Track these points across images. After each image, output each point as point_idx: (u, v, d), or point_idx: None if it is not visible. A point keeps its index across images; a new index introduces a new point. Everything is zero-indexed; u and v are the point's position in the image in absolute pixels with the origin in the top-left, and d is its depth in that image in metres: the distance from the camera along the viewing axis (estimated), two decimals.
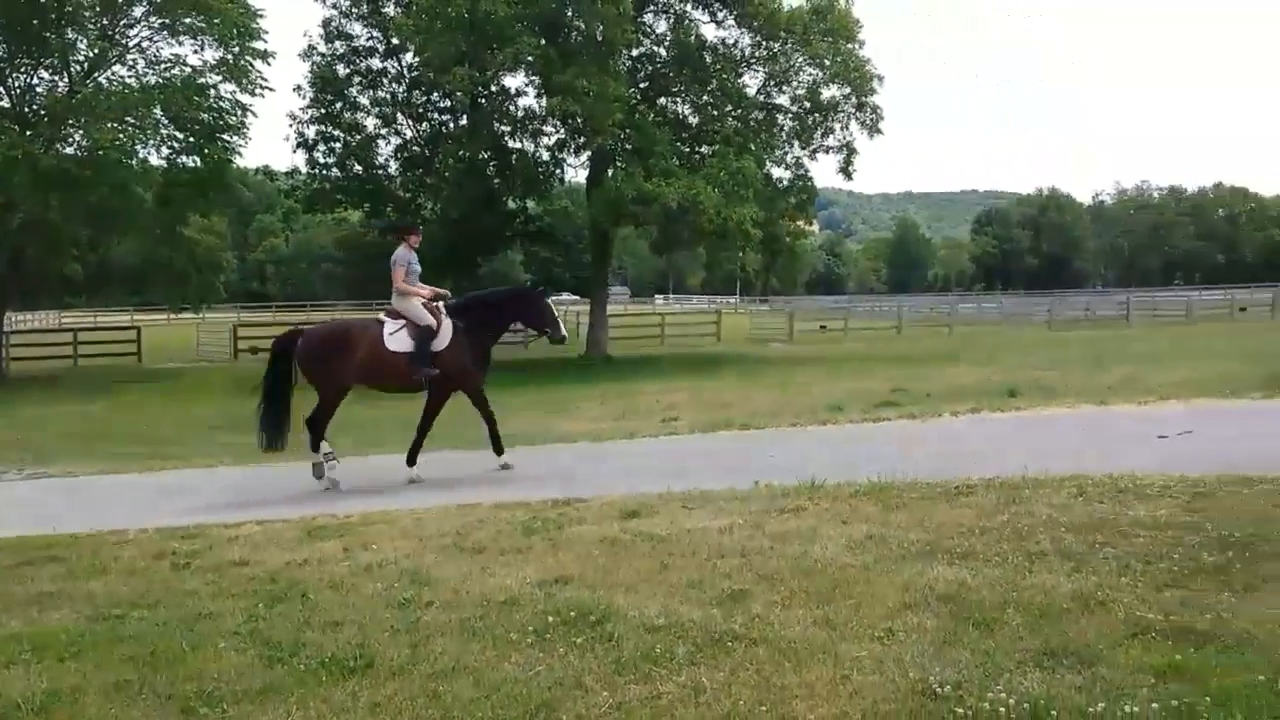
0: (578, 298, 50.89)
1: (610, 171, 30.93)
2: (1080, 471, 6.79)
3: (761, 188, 30.60)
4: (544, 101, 29.33)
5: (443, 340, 10.14)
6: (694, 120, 32.81)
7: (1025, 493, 6.29)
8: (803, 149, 33.09)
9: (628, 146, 30.02)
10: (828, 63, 31.00)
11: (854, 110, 31.92)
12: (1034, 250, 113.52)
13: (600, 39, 27.91)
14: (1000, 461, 7.46)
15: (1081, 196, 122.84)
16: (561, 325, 10.71)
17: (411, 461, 10.19)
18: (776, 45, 31.49)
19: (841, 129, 32.46)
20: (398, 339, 10.10)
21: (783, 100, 33.00)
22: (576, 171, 34.52)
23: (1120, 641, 3.73)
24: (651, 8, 32.19)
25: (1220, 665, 3.45)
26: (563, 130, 30.81)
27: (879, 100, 32.15)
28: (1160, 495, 5.89)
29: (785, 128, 33.03)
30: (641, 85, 32.33)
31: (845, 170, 33.44)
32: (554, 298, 11.41)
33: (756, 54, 32.16)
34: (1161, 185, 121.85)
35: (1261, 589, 4.18)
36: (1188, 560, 4.58)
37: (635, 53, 32.03)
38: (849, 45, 31.39)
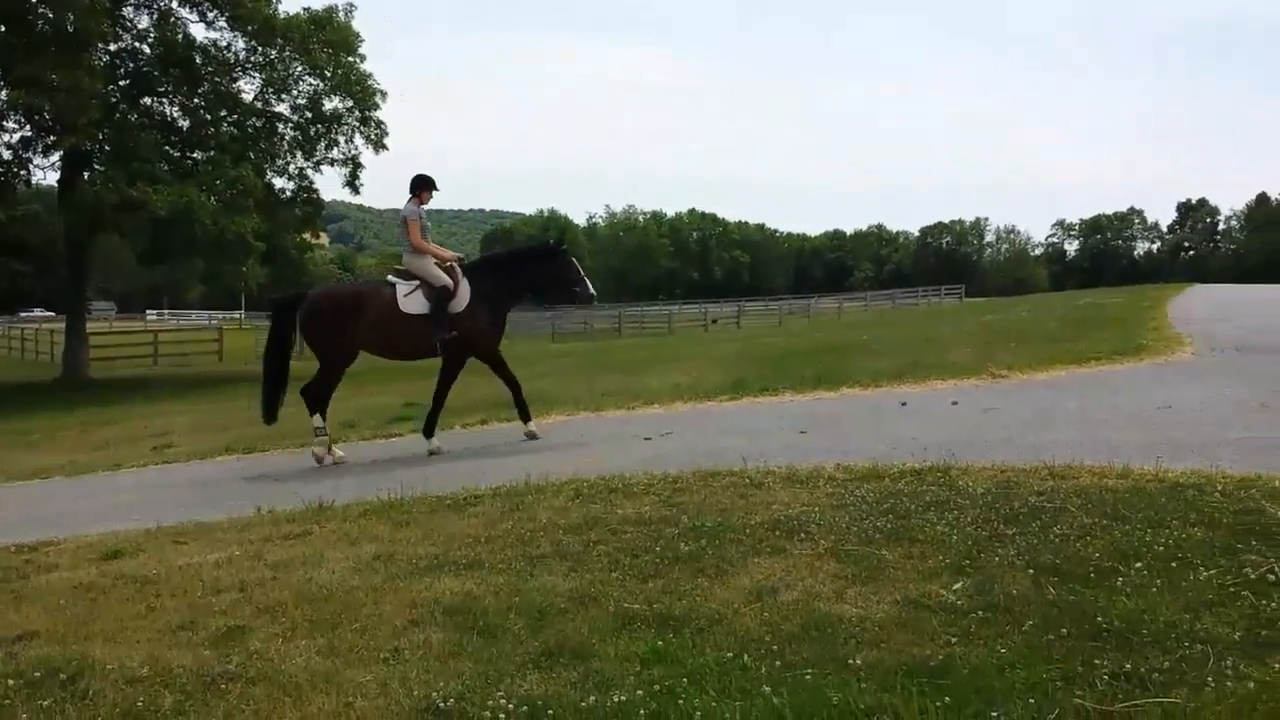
0: (52, 314, 45.36)
1: (87, 175, 27.99)
2: (578, 474, 7.19)
3: (263, 198, 29.36)
4: (3, 94, 25.80)
5: (461, 302, 9.58)
6: (185, 124, 30.66)
7: (529, 499, 6.53)
8: (306, 160, 32.29)
9: (107, 148, 27.34)
10: (329, 74, 30.52)
11: (358, 124, 31.70)
12: None
13: (71, 30, 25.11)
14: (506, 470, 7.71)
15: (578, 218, 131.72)
16: (589, 284, 10.01)
17: (429, 434, 9.91)
18: (274, 52, 30.41)
19: (346, 142, 32.12)
20: (413, 301, 9.51)
21: (283, 109, 31.98)
22: (46, 174, 30.78)
23: (610, 634, 3.97)
24: (132, 2, 29.57)
25: (695, 646, 3.78)
26: (28, 127, 27.28)
27: (384, 115, 32.20)
28: (645, 492, 6.39)
29: (287, 137, 32.01)
30: (123, 83, 29.58)
31: (352, 184, 33.07)
32: (25, 313, 10.04)
33: (252, 59, 30.82)
34: (645, 210, 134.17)
35: (728, 572, 4.65)
36: (667, 551, 4.99)
37: (114, 48, 29.28)
38: (350, 58, 31.09)
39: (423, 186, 10.06)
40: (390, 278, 9.94)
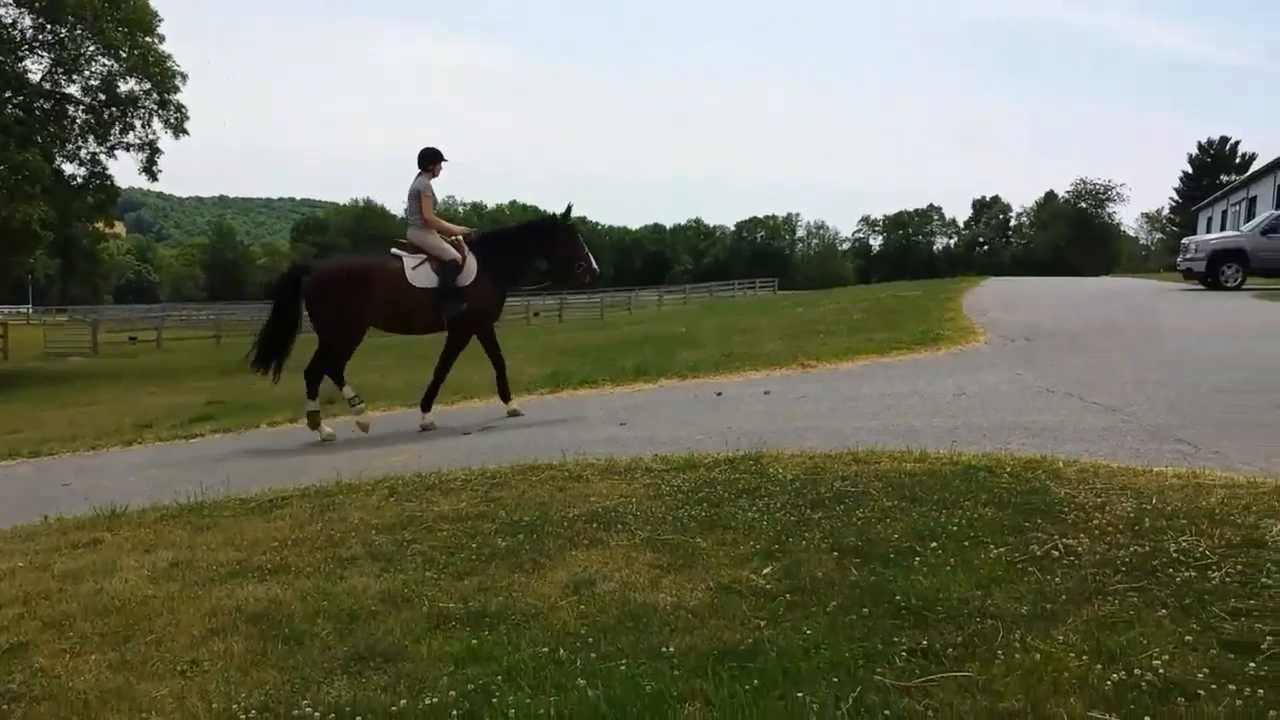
0: None
1: None
2: (392, 472, 7.03)
3: (52, 184, 27.53)
4: None
5: (468, 275, 9.59)
6: None
7: (340, 499, 6.33)
8: (100, 145, 30.42)
9: None
10: (124, 54, 28.83)
11: (156, 107, 30.11)
12: None
13: None
14: (316, 470, 7.47)
15: (395, 209, 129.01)
16: (594, 260, 10.12)
17: (426, 408, 9.89)
18: (64, 30, 28.48)
19: (143, 126, 30.49)
20: (421, 274, 9.47)
21: (74, 90, 30.01)
22: None
23: (423, 635, 3.89)
24: None
25: (511, 642, 3.75)
26: None
27: (184, 99, 30.69)
28: (462, 489, 6.30)
29: (78, 120, 30.05)
30: None
31: (150, 170, 31.36)
32: None
33: (40, 37, 28.79)
34: (465, 202, 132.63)
35: (545, 566, 4.64)
36: (484, 548, 4.93)
37: None
38: (148, 38, 29.46)
39: (433, 160, 9.85)
40: (395, 251, 9.79)
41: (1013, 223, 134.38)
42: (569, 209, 10.12)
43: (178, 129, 30.64)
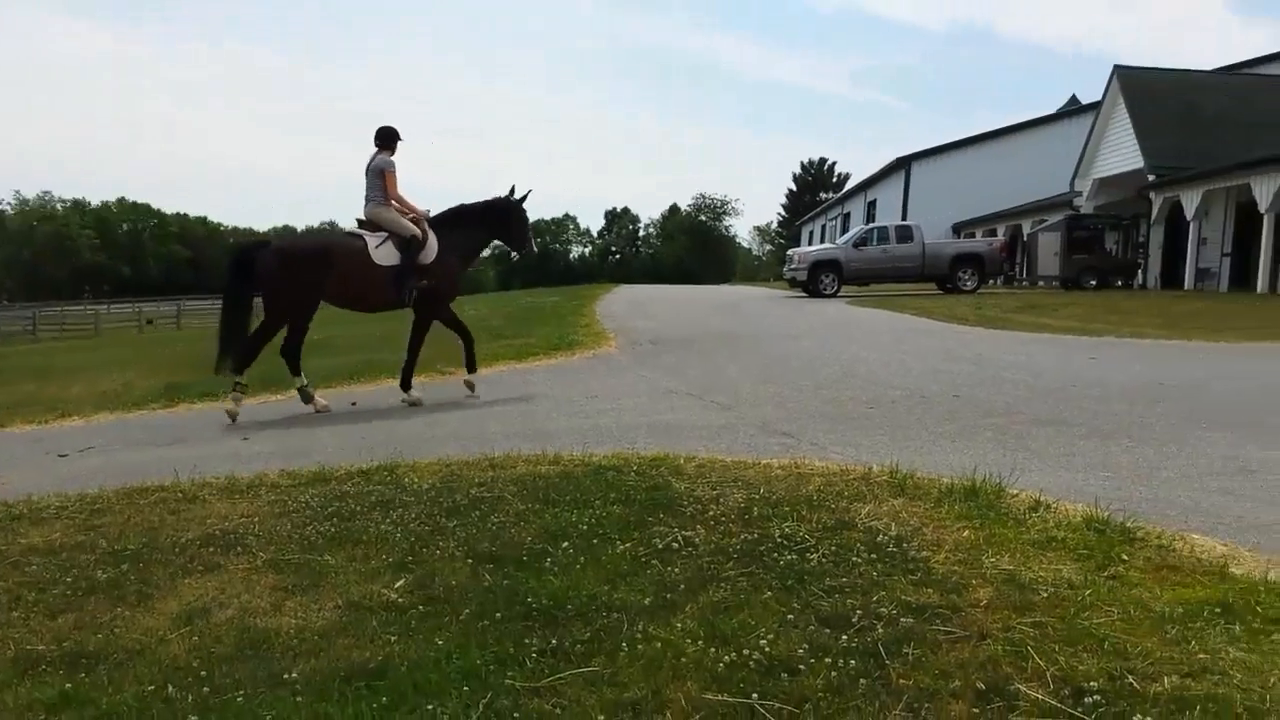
0: None
1: None
2: None
3: None
4: None
5: (430, 253, 9.70)
6: None
7: None
8: None
9: None
10: None
11: None
12: None
13: None
14: None
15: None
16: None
17: (406, 386, 10.08)
18: None
19: None
20: (384, 252, 9.54)
21: None
22: None
23: (9, 682, 3.45)
24: None
25: (112, 683, 3.41)
26: None
27: None
28: (56, 517, 5.64)
29: None
30: None
31: None
32: None
33: None
34: (65, 198, 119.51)
35: (153, 597, 4.26)
36: (82, 581, 4.45)
37: None
38: None
39: (392, 139, 9.96)
40: (355, 230, 9.84)
41: (641, 233, 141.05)
42: (524, 192, 10.52)
43: None
